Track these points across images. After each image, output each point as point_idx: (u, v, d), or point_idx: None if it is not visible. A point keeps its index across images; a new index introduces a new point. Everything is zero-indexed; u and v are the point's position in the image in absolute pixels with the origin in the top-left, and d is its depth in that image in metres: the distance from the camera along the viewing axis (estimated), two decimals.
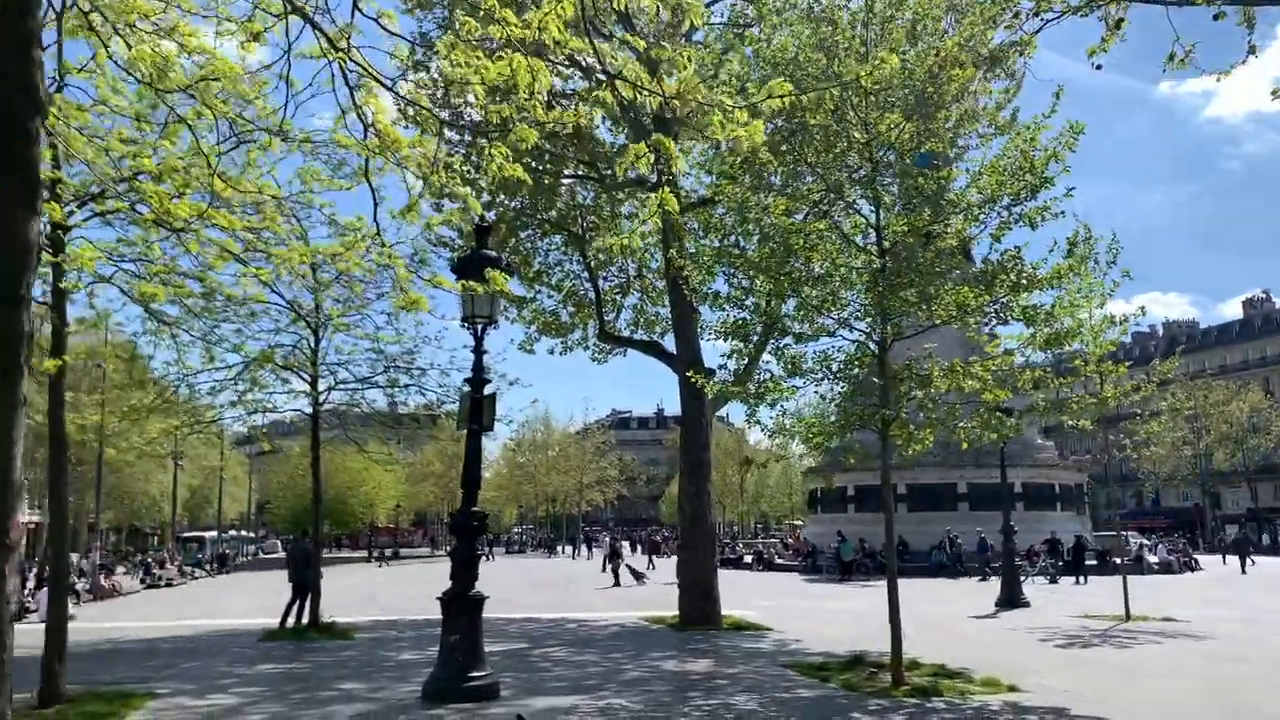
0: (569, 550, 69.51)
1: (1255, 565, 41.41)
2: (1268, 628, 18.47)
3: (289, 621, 18.60)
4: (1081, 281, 12.53)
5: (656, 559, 50.53)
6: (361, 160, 5.94)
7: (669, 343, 21.64)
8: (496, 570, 44.41)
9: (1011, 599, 23.07)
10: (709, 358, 18.11)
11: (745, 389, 14.35)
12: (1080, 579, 33.21)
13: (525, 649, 15.61)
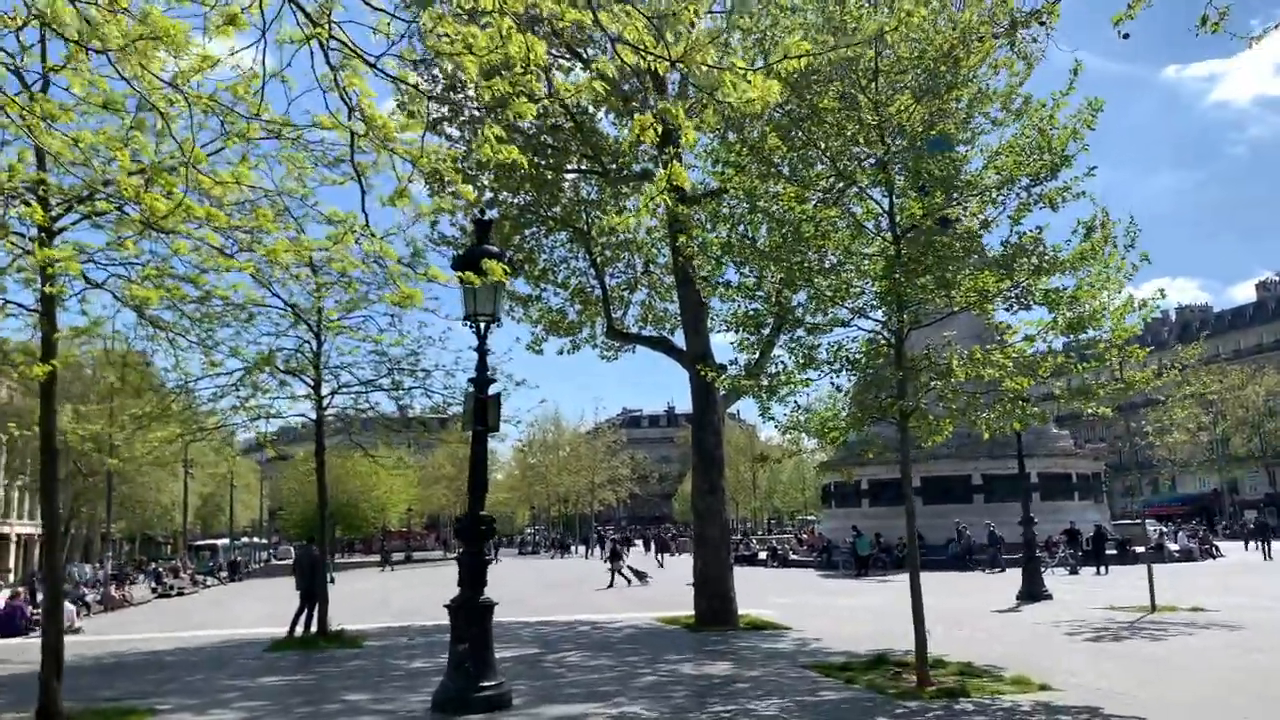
0: (583, 550, 69.14)
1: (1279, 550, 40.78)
2: None
3: (297, 630, 18.34)
4: (1104, 262, 12.08)
5: (666, 557, 50.29)
6: (354, 156, 5.58)
7: (679, 339, 21.28)
8: (507, 572, 44.08)
9: (1033, 592, 22.61)
10: (720, 354, 17.82)
11: (757, 382, 14.00)
12: (1101, 569, 32.71)
13: (538, 654, 15.26)
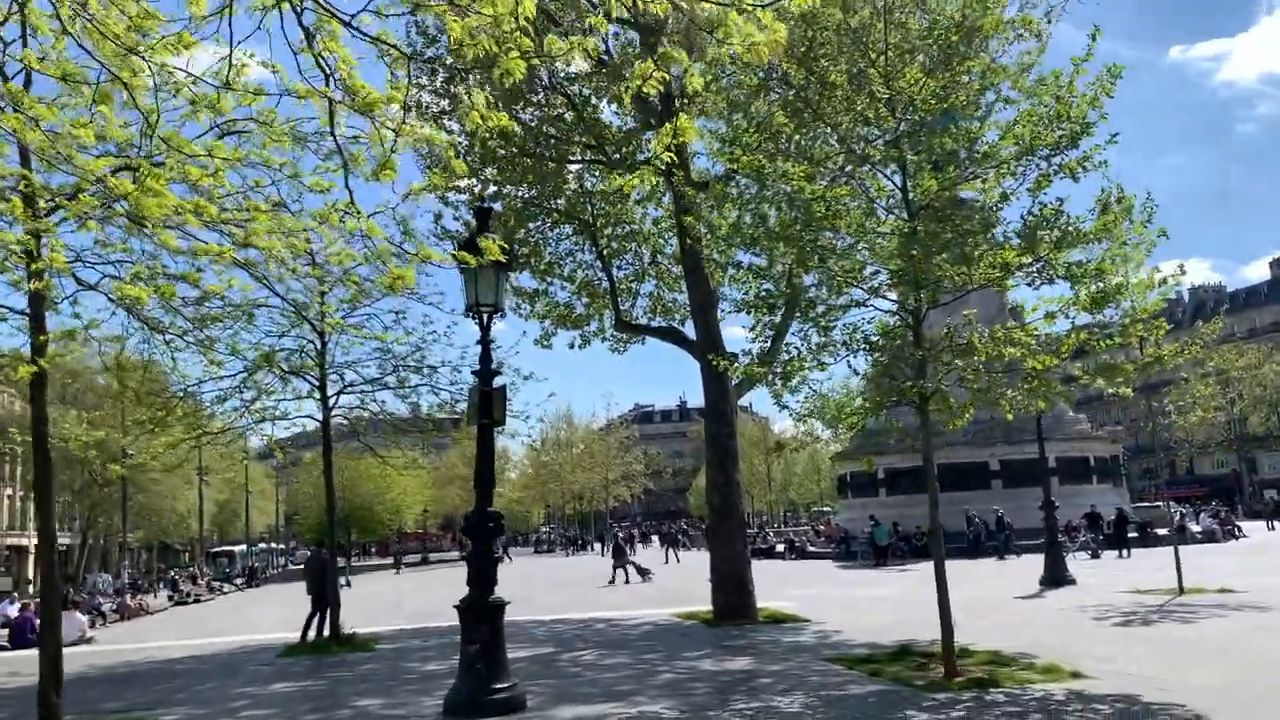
0: (598, 547, 68.78)
1: None
2: None
3: (309, 635, 18.08)
4: (1123, 237, 11.66)
5: (678, 553, 49.20)
6: (334, 128, 5.24)
7: (688, 329, 20.91)
8: (520, 570, 43.73)
9: (1056, 576, 22.24)
10: (730, 346, 17.43)
11: (770, 369, 13.64)
12: (1123, 552, 32.25)
13: (553, 653, 14.93)
